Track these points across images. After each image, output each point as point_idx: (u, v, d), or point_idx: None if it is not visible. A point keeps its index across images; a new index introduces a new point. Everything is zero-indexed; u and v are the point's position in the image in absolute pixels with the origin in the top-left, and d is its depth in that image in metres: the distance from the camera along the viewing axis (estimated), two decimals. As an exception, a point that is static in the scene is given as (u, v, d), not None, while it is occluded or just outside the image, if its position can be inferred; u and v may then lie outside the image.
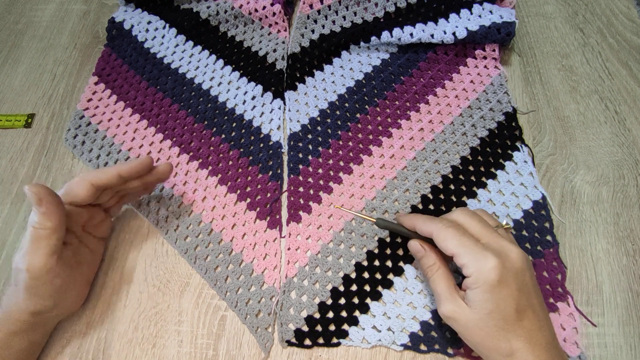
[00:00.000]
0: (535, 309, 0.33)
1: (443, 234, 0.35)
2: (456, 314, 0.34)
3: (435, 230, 0.36)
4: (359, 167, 0.49)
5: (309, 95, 0.55)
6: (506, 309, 0.32)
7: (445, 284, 0.35)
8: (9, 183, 0.51)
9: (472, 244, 0.34)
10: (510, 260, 0.33)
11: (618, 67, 0.55)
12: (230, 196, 0.48)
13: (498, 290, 0.32)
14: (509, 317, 0.32)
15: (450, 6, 0.55)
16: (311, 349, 0.40)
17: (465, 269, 0.33)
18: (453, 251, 0.34)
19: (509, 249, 0.34)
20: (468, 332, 0.34)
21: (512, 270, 0.33)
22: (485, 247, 0.33)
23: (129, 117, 0.55)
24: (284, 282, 0.43)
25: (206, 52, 0.60)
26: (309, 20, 0.61)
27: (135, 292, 0.43)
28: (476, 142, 0.50)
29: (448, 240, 0.34)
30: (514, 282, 0.32)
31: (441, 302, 0.35)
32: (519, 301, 0.32)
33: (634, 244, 0.44)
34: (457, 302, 0.34)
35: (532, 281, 0.34)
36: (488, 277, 0.32)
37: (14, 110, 0.57)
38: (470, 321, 0.33)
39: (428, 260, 0.37)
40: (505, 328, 0.32)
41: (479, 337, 0.33)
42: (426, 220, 0.37)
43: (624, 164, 0.48)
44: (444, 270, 0.36)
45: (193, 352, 0.40)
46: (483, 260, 0.32)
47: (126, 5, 0.64)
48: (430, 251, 0.37)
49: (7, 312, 0.36)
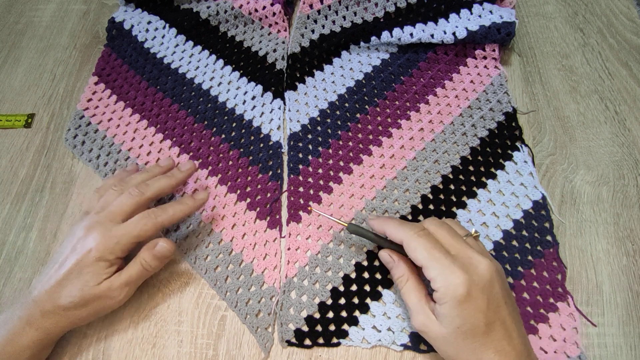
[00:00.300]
0: (505, 321, 0.33)
1: (414, 244, 0.35)
2: (426, 327, 0.34)
3: (405, 238, 0.35)
4: (359, 167, 0.49)
5: (309, 95, 0.55)
6: (474, 323, 0.32)
7: (415, 296, 0.36)
8: (9, 183, 0.51)
9: (441, 256, 0.33)
10: (478, 274, 0.33)
11: (618, 67, 0.55)
12: (230, 196, 0.48)
13: (466, 306, 0.32)
14: (477, 331, 0.32)
15: (450, 6, 0.55)
16: (311, 349, 0.40)
17: (433, 282, 0.33)
18: (422, 263, 0.34)
19: (477, 261, 0.34)
20: (438, 345, 0.34)
21: (480, 284, 0.33)
22: (453, 261, 0.33)
23: (129, 117, 0.55)
24: (284, 282, 0.43)
25: (206, 52, 0.60)
26: (309, 20, 0.61)
27: (135, 292, 0.43)
28: (476, 142, 0.50)
29: (418, 251, 0.34)
30: (482, 296, 0.32)
31: (412, 314, 0.35)
32: (487, 315, 0.32)
33: (634, 244, 0.44)
34: (427, 315, 0.34)
35: (502, 292, 0.34)
36: (455, 293, 0.32)
37: (14, 110, 0.57)
38: (440, 335, 0.33)
39: (398, 271, 0.37)
40: (474, 342, 0.32)
41: (450, 351, 0.33)
42: (397, 226, 0.37)
43: (624, 164, 0.48)
44: (414, 281, 0.36)
45: (193, 352, 0.40)
46: (451, 275, 0.32)
47: (126, 5, 0.64)
48: (400, 261, 0.37)
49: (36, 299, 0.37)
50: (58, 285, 0.37)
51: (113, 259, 0.38)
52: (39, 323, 0.36)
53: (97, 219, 0.39)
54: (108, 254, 0.37)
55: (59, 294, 0.36)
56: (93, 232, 0.38)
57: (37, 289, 0.37)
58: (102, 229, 0.38)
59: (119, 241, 0.38)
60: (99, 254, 0.37)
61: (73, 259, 0.37)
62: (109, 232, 0.38)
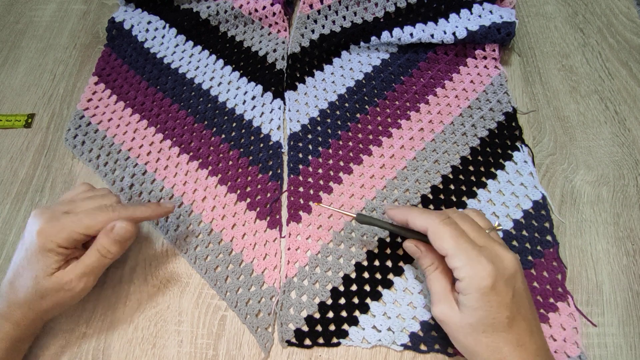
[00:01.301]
0: (526, 315, 0.33)
1: (440, 232, 0.34)
2: (447, 316, 0.34)
3: (431, 226, 0.34)
4: (359, 167, 0.49)
5: (309, 95, 0.55)
6: (497, 316, 0.31)
7: (440, 285, 0.35)
8: (9, 183, 0.51)
9: (468, 246, 0.33)
10: (504, 267, 0.32)
11: (618, 67, 0.55)
12: (230, 196, 0.48)
13: (490, 298, 0.31)
14: (500, 324, 0.32)
15: (450, 6, 0.55)
16: (311, 349, 0.40)
17: (457, 272, 0.33)
18: (448, 252, 0.33)
19: (502, 255, 0.33)
20: (456, 335, 0.34)
21: (505, 277, 0.32)
22: (480, 252, 0.33)
23: (129, 117, 0.55)
24: (284, 282, 0.43)
25: (206, 52, 0.60)
26: (309, 20, 0.61)
27: (135, 292, 0.43)
28: (476, 142, 0.50)
29: (445, 239, 0.33)
30: (507, 289, 0.32)
31: (434, 302, 0.35)
32: (511, 308, 0.32)
33: (634, 244, 0.44)
34: (449, 304, 0.34)
35: (523, 286, 0.33)
36: (481, 284, 0.31)
37: (14, 110, 0.57)
38: (460, 325, 0.33)
39: (426, 260, 0.37)
40: (494, 335, 0.32)
41: (468, 342, 0.33)
42: (420, 214, 0.36)
43: (624, 164, 0.48)
44: (442, 270, 0.36)
45: (193, 352, 0.40)
46: (478, 266, 0.32)
47: (126, 5, 0.64)
48: (428, 251, 0.37)
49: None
50: (14, 277, 0.36)
51: (56, 247, 0.35)
52: (8, 315, 0.36)
53: (51, 206, 0.37)
54: (49, 242, 0.35)
55: (15, 286, 0.36)
56: (39, 217, 0.36)
57: (3, 282, 0.37)
58: (49, 214, 0.36)
59: (64, 228, 0.36)
60: (41, 242, 0.35)
61: (22, 249, 0.36)
62: (56, 220, 0.36)
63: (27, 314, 0.36)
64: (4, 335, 0.35)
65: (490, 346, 0.32)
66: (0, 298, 0.36)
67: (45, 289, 0.35)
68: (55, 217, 0.36)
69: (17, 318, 0.36)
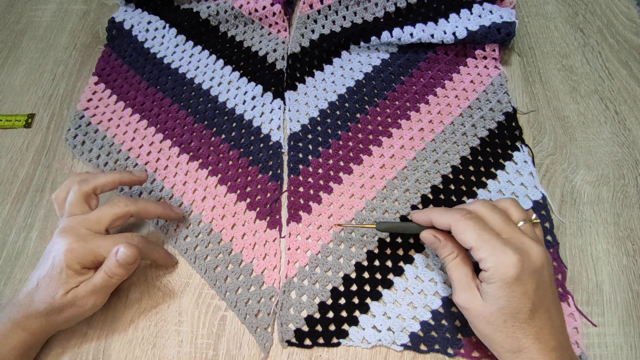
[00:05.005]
0: (549, 309, 0.33)
1: (462, 226, 0.34)
2: (469, 304, 0.34)
3: (453, 222, 0.35)
4: (359, 167, 0.49)
5: (309, 95, 0.55)
6: (519, 307, 0.32)
7: (462, 272, 0.35)
8: (9, 183, 0.51)
9: (491, 238, 0.33)
10: (530, 258, 0.32)
11: (618, 67, 0.55)
12: (230, 196, 0.48)
13: (514, 288, 0.31)
14: (521, 315, 0.32)
15: (450, 6, 0.55)
16: (311, 349, 0.40)
17: (483, 263, 0.33)
18: (471, 244, 0.33)
19: (530, 247, 0.33)
20: (478, 323, 0.34)
21: (531, 269, 0.32)
22: (505, 243, 0.33)
23: (129, 117, 0.55)
24: (284, 282, 0.43)
25: (206, 52, 0.60)
26: (309, 20, 0.61)
27: (136, 292, 0.43)
28: (476, 142, 0.50)
29: (467, 233, 0.33)
30: (532, 280, 0.32)
31: (456, 290, 0.35)
32: (533, 300, 0.32)
33: (634, 244, 0.44)
34: (471, 292, 0.34)
35: (549, 280, 0.33)
36: (506, 274, 0.31)
37: (14, 110, 0.57)
38: (481, 313, 0.33)
39: (445, 250, 0.36)
40: (515, 325, 0.32)
41: (487, 330, 0.33)
42: (443, 212, 0.36)
43: (624, 164, 0.48)
44: (463, 257, 0.36)
45: (193, 352, 0.40)
46: (503, 255, 0.32)
47: (126, 5, 0.64)
48: (447, 240, 0.36)
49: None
50: (34, 289, 0.37)
51: (80, 268, 0.37)
52: (25, 324, 0.37)
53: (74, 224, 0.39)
54: (75, 263, 0.37)
55: (34, 299, 0.37)
56: (67, 236, 0.38)
57: (22, 291, 0.38)
58: (75, 234, 0.38)
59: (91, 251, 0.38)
60: (68, 261, 0.37)
61: (47, 264, 0.37)
62: (84, 241, 0.38)
63: (43, 325, 0.38)
64: (19, 343, 0.37)
65: (510, 336, 0.32)
66: (17, 307, 0.37)
67: (61, 304, 0.37)
68: (82, 237, 0.38)
69: (33, 328, 0.37)
